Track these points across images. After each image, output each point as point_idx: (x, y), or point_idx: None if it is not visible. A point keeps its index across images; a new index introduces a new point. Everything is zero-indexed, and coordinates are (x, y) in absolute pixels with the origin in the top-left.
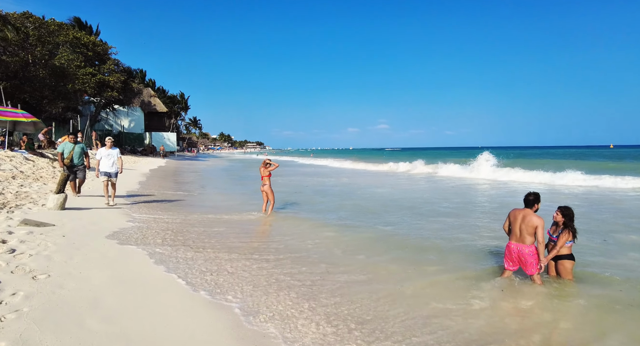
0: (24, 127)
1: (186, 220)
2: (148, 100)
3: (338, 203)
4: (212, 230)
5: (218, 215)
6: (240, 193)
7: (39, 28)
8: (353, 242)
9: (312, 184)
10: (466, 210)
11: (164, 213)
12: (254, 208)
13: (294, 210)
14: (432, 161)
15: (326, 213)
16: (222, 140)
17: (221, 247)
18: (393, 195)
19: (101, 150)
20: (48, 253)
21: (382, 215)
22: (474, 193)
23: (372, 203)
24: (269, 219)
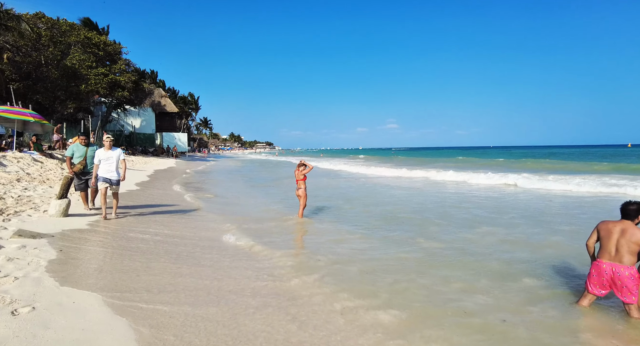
0: (32, 127)
1: (218, 228)
2: (159, 101)
3: (370, 210)
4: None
5: (253, 223)
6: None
7: (51, 28)
8: (397, 261)
9: (336, 189)
10: (505, 218)
11: (171, 223)
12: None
13: (330, 218)
14: (447, 161)
15: (357, 221)
16: (232, 141)
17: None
18: (423, 203)
19: (99, 151)
20: (38, 274)
21: (424, 225)
22: (508, 200)
23: (412, 213)
24: (305, 225)
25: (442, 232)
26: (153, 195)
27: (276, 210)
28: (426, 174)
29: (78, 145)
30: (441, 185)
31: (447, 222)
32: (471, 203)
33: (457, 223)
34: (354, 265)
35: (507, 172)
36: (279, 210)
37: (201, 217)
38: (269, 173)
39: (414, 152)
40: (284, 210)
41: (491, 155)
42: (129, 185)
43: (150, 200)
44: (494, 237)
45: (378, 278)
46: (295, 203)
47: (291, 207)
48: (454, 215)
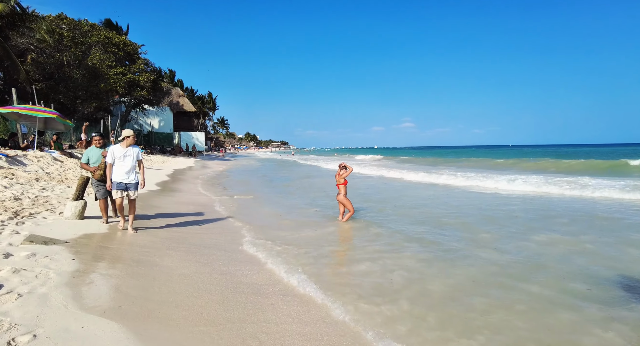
0: (53, 125)
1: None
2: (177, 100)
3: (408, 213)
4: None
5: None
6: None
7: (72, 29)
8: (470, 278)
9: (366, 189)
10: (557, 224)
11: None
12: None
13: (374, 221)
14: (467, 161)
15: (407, 225)
16: (248, 140)
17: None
18: (458, 206)
19: (114, 148)
20: (46, 290)
21: (473, 232)
22: (549, 204)
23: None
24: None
25: (499, 240)
26: (177, 197)
27: (316, 213)
28: (449, 177)
29: (93, 149)
30: (464, 188)
31: (496, 228)
32: (511, 207)
33: (508, 229)
34: (432, 284)
35: (529, 174)
36: (319, 212)
37: (237, 230)
38: (288, 172)
39: (428, 151)
40: (323, 212)
41: (511, 155)
42: (149, 185)
43: (175, 206)
44: (560, 246)
45: (465, 303)
46: (330, 205)
47: (325, 208)
48: (497, 219)
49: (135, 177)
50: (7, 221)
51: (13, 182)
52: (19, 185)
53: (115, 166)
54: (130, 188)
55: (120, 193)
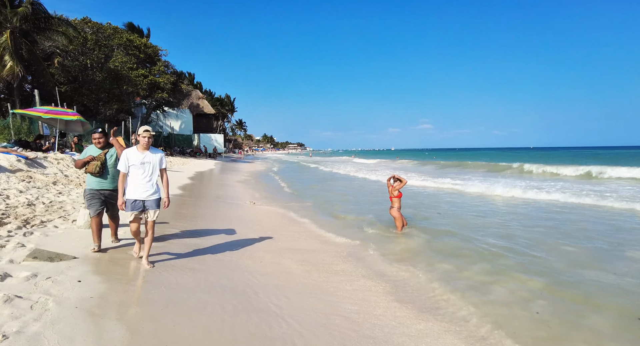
0: (74, 127)
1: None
2: (197, 103)
3: (469, 223)
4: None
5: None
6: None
7: (96, 32)
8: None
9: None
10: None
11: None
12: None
13: (437, 231)
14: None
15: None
16: (265, 142)
17: None
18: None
19: (129, 151)
20: (39, 328)
21: (554, 247)
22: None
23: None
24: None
25: (589, 256)
26: (205, 206)
27: (366, 221)
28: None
29: (93, 148)
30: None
31: (575, 241)
32: (580, 220)
33: (591, 244)
34: (589, 319)
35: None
36: (369, 221)
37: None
38: (311, 174)
39: (455, 154)
40: (375, 221)
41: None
42: (171, 189)
43: (208, 220)
44: None
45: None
46: (379, 210)
47: (374, 213)
48: (571, 232)
49: (157, 191)
50: (15, 231)
51: (30, 185)
52: (35, 189)
53: (131, 177)
54: (149, 207)
55: (135, 215)
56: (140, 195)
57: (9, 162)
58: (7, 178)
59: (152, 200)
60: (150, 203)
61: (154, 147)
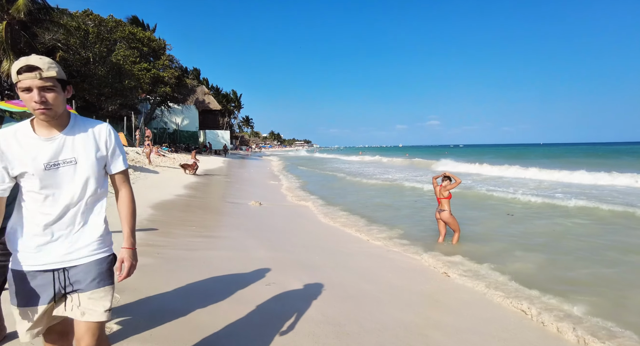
0: None
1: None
2: (202, 99)
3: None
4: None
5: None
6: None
7: (98, 25)
8: None
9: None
10: None
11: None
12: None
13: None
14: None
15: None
16: (272, 139)
17: None
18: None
19: (7, 131)
20: None
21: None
22: None
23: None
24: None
25: None
26: (228, 215)
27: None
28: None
29: None
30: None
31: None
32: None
33: None
34: None
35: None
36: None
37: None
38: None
39: (458, 151)
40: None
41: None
42: (175, 189)
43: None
44: None
45: None
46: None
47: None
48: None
49: (101, 238)
50: None
51: None
52: None
53: (27, 206)
54: (80, 287)
55: (38, 317)
56: (51, 256)
57: None
58: None
59: (86, 265)
60: (83, 275)
61: (94, 120)
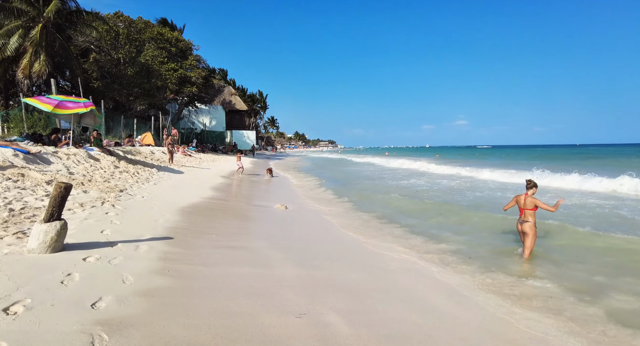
0: (87, 120)
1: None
2: (229, 99)
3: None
4: None
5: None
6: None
7: (128, 27)
8: None
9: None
10: None
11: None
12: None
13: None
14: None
15: None
16: (297, 139)
17: None
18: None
19: None
20: None
21: None
22: None
23: None
24: None
25: None
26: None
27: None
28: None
29: None
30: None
31: None
32: None
33: None
34: None
35: None
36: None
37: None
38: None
39: (487, 152)
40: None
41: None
42: (199, 190)
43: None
44: None
45: None
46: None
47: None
48: None
49: None
50: None
51: (13, 185)
52: (17, 191)
53: None
54: None
55: None
56: None
57: (2, 156)
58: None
59: None
60: None
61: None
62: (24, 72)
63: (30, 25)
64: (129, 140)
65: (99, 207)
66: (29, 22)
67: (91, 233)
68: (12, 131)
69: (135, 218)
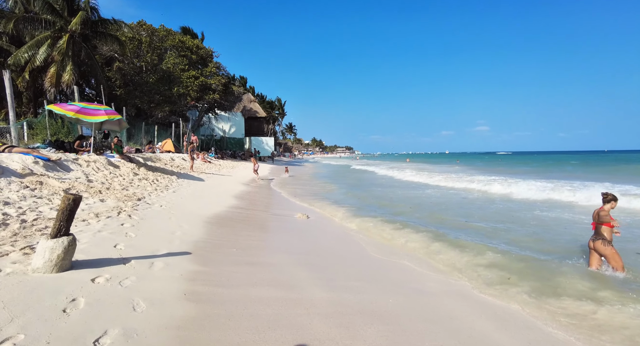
0: (109, 125)
1: None
2: (249, 106)
3: None
4: None
5: None
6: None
7: (151, 35)
8: None
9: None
10: None
11: None
12: None
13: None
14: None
15: None
16: (314, 145)
17: None
18: None
19: None
20: None
21: None
22: None
23: None
24: None
25: None
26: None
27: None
28: None
29: None
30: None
31: None
32: None
33: None
34: None
35: None
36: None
37: None
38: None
39: (508, 159)
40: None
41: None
42: (219, 198)
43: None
44: None
45: None
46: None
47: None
48: None
49: None
50: None
51: (30, 193)
52: (32, 199)
53: None
54: None
55: None
56: None
57: (23, 164)
58: (7, 185)
59: None
60: None
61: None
62: (51, 81)
63: (58, 36)
64: (150, 147)
65: (114, 218)
66: (57, 32)
67: (104, 247)
68: (35, 138)
69: (152, 230)
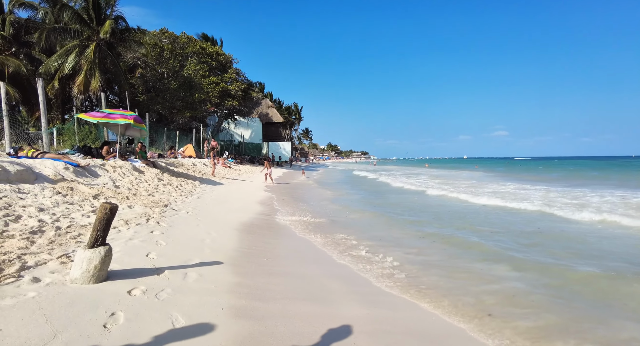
0: (132, 131)
1: None
2: (266, 112)
3: None
4: None
5: None
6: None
7: (172, 42)
8: None
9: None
10: None
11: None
12: None
13: None
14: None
15: None
16: (330, 150)
17: None
18: None
19: None
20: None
21: None
22: None
23: None
24: None
25: None
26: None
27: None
28: None
29: None
30: None
31: None
32: None
33: None
34: None
35: None
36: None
37: None
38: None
39: (526, 164)
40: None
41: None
42: (242, 204)
43: None
44: None
45: None
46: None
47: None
48: None
49: None
50: None
51: (62, 199)
52: (65, 206)
53: None
54: None
55: None
56: None
57: (54, 170)
58: (41, 191)
59: None
60: None
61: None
62: (79, 88)
63: (85, 45)
64: (172, 152)
65: (143, 225)
66: (84, 41)
67: (136, 256)
68: (64, 144)
69: (181, 238)
